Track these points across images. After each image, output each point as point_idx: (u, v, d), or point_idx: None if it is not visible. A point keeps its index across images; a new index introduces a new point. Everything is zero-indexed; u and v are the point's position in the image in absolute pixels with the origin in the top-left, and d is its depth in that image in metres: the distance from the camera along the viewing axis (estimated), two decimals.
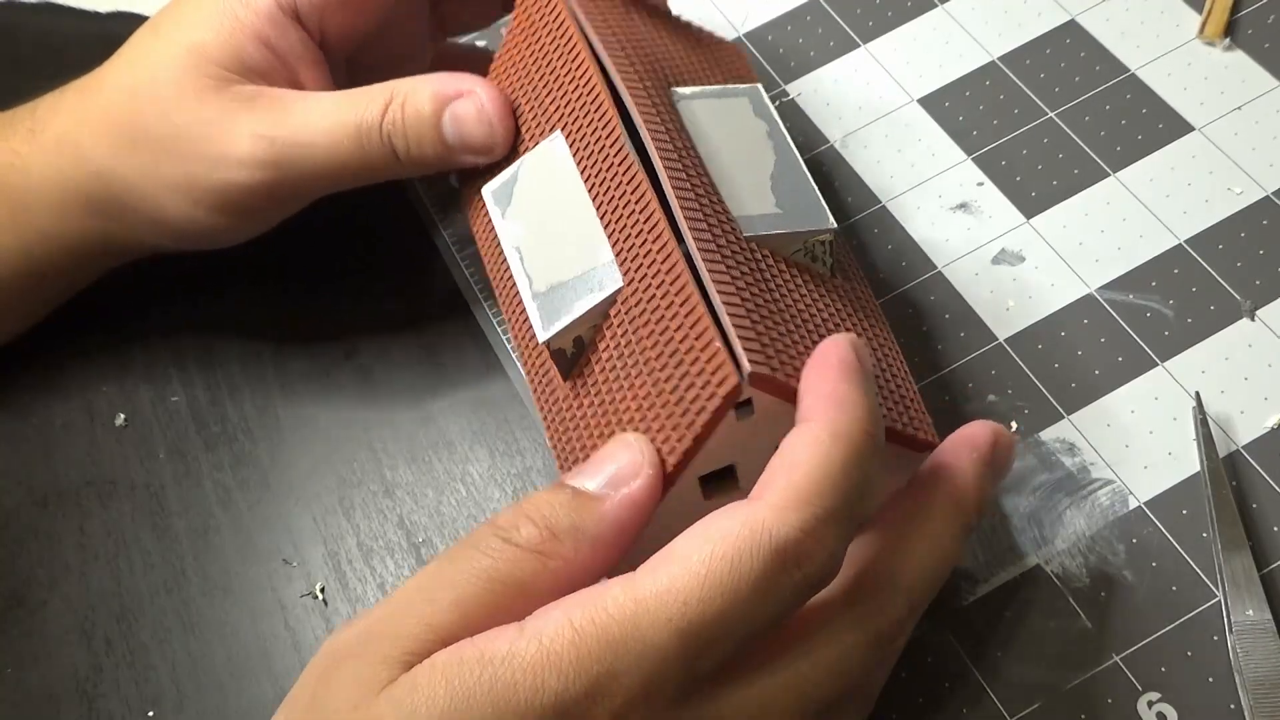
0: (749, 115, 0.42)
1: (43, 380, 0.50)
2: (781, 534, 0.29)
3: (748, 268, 0.36)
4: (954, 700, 0.39)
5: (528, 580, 0.31)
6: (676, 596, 0.29)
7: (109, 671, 0.44)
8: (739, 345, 0.33)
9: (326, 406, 0.48)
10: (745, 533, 0.29)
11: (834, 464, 0.30)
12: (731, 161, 0.40)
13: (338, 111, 0.43)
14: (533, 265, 0.39)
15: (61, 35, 0.62)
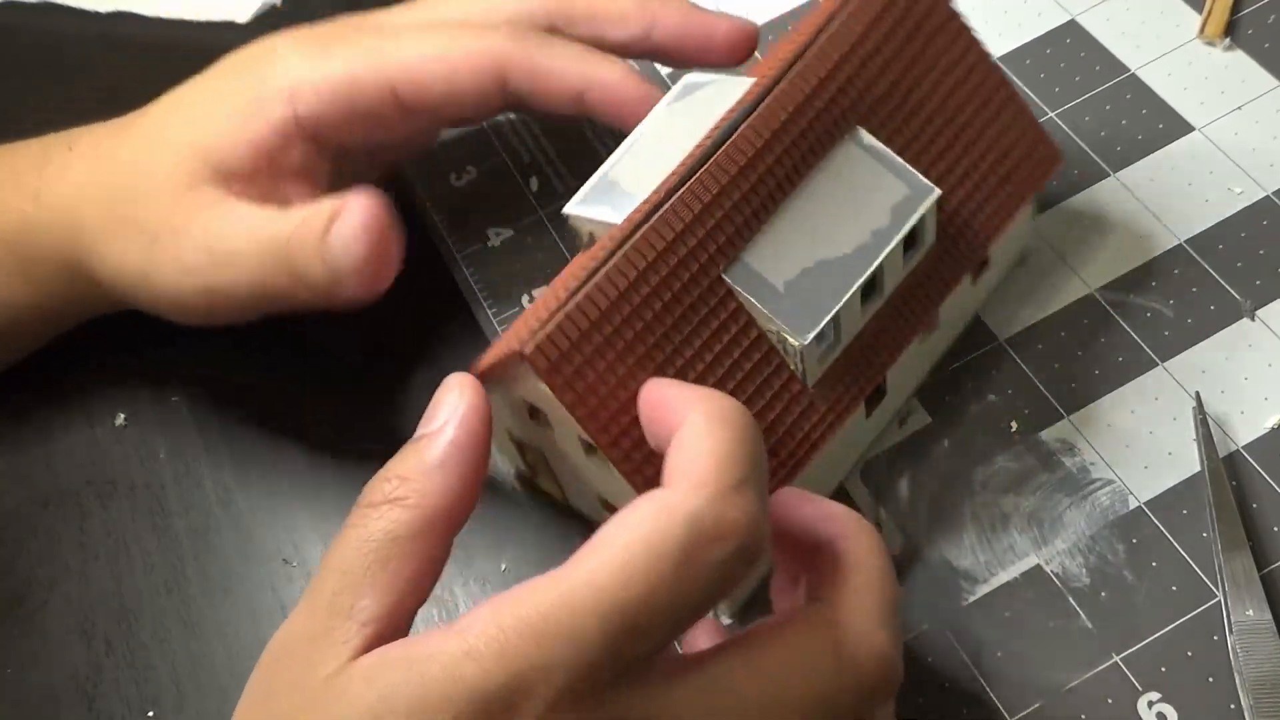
0: (885, 200, 0.39)
1: (42, 380, 0.50)
2: (692, 509, 0.30)
3: (679, 296, 0.36)
4: (954, 700, 0.39)
5: (393, 527, 0.33)
6: (598, 585, 0.29)
7: (109, 671, 0.44)
8: (550, 329, 0.35)
9: (327, 406, 0.48)
10: (660, 514, 0.30)
11: (719, 438, 0.31)
12: (813, 220, 0.38)
13: (262, 229, 0.42)
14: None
15: (61, 35, 0.62)
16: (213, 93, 0.45)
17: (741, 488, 0.30)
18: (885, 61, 0.40)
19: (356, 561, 0.32)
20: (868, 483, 0.43)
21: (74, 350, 0.50)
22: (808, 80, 0.39)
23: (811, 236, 0.38)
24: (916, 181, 0.39)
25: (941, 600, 0.41)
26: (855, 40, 0.39)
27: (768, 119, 0.38)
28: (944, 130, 0.41)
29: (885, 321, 0.40)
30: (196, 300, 0.44)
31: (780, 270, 0.38)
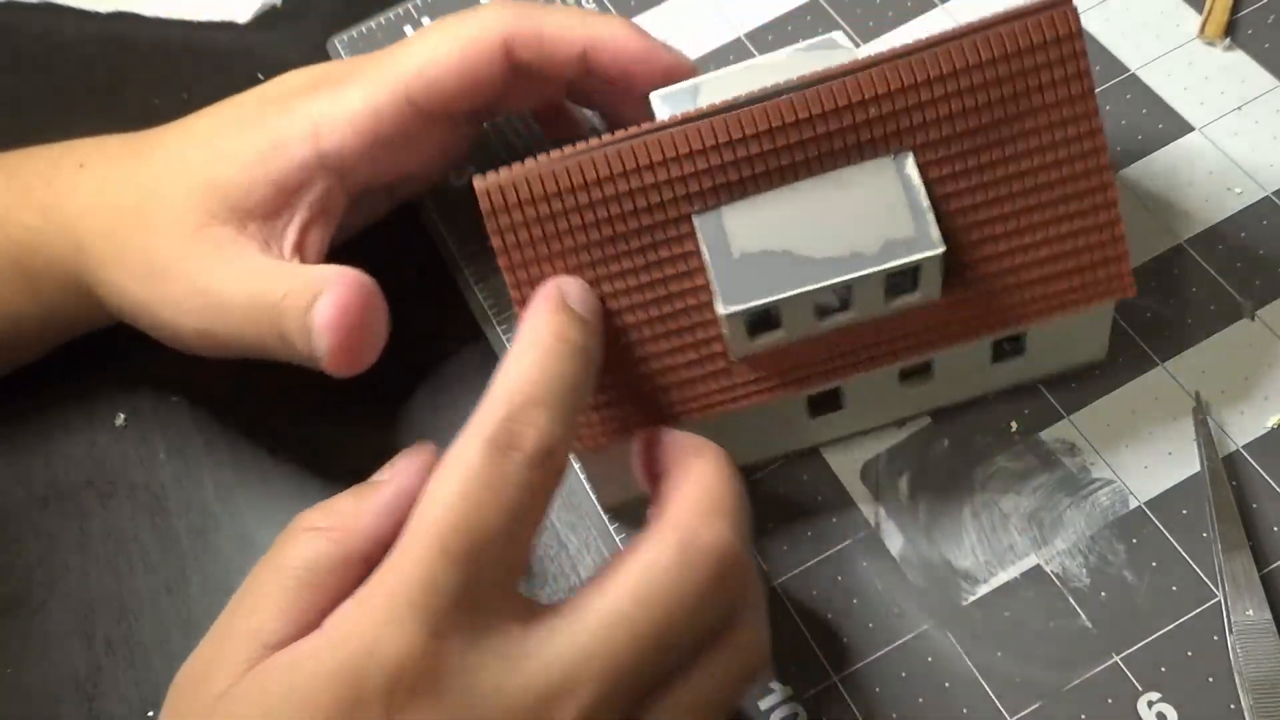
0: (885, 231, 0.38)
1: (42, 381, 0.50)
2: (489, 426, 0.33)
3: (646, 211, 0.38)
4: (954, 700, 0.39)
5: (311, 555, 0.33)
6: (423, 522, 0.32)
7: (109, 671, 0.44)
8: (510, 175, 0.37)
9: (327, 406, 0.48)
10: (460, 445, 0.33)
11: (524, 363, 0.34)
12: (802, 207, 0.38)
13: (255, 283, 0.42)
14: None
15: (61, 35, 0.62)
16: (233, 128, 0.45)
17: (533, 405, 0.34)
18: (988, 101, 0.37)
19: (270, 583, 0.33)
20: (867, 483, 0.43)
21: (74, 351, 0.50)
22: (888, 81, 0.37)
23: (797, 227, 0.37)
24: (926, 231, 0.37)
25: (941, 600, 0.41)
26: (965, 65, 0.37)
27: (825, 97, 0.37)
28: (1016, 194, 0.38)
29: (855, 342, 0.39)
30: (192, 339, 0.44)
31: (747, 240, 0.38)
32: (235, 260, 0.43)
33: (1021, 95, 0.37)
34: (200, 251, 0.43)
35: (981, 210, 0.38)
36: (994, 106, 0.37)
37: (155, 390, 0.50)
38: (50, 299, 0.47)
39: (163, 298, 0.43)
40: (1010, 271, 0.39)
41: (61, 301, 0.47)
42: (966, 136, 0.38)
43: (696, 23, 0.56)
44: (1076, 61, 0.37)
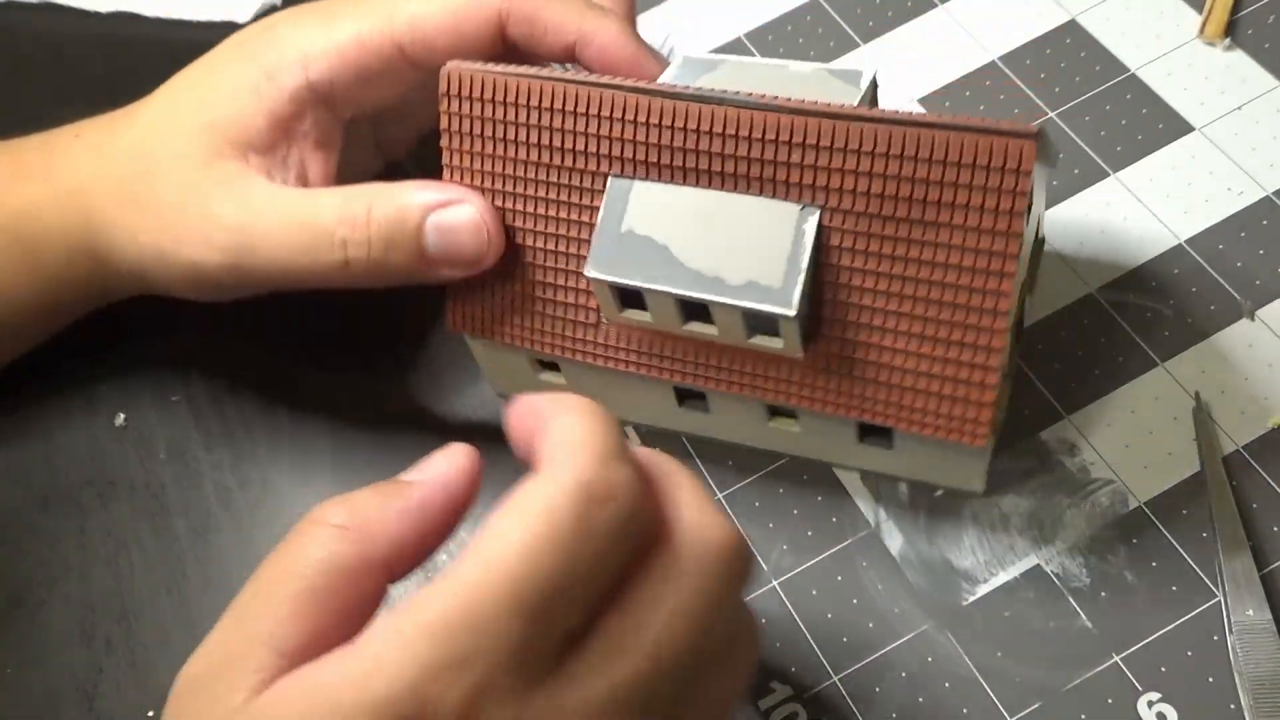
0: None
1: (43, 380, 0.50)
2: (577, 477, 0.30)
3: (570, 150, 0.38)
4: (954, 700, 0.39)
5: (327, 556, 0.31)
6: (506, 569, 0.29)
7: (109, 671, 0.44)
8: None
9: (327, 406, 0.48)
10: (549, 488, 0.30)
11: (598, 424, 0.31)
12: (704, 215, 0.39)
13: (296, 208, 0.42)
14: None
15: (61, 35, 0.62)
16: (221, 70, 0.45)
17: (620, 456, 0.31)
18: (911, 194, 0.35)
19: (281, 585, 0.31)
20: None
21: (74, 350, 0.50)
22: (819, 135, 0.36)
23: (686, 230, 0.38)
24: (790, 291, 0.36)
25: (941, 600, 0.41)
26: (900, 151, 0.35)
27: (756, 122, 0.37)
28: (908, 295, 0.36)
29: (721, 359, 0.39)
30: (220, 276, 0.43)
31: (638, 220, 0.38)
32: (261, 193, 0.43)
33: (946, 205, 0.35)
34: (214, 186, 0.43)
35: (869, 295, 0.37)
36: (916, 202, 0.35)
37: (155, 390, 0.50)
38: (52, 269, 0.46)
39: (182, 236, 0.43)
40: (880, 365, 0.37)
41: (65, 272, 0.46)
42: (880, 218, 0.36)
43: (697, 22, 0.57)
44: (1014, 197, 0.34)
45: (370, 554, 0.31)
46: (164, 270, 0.45)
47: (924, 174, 0.35)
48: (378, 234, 0.41)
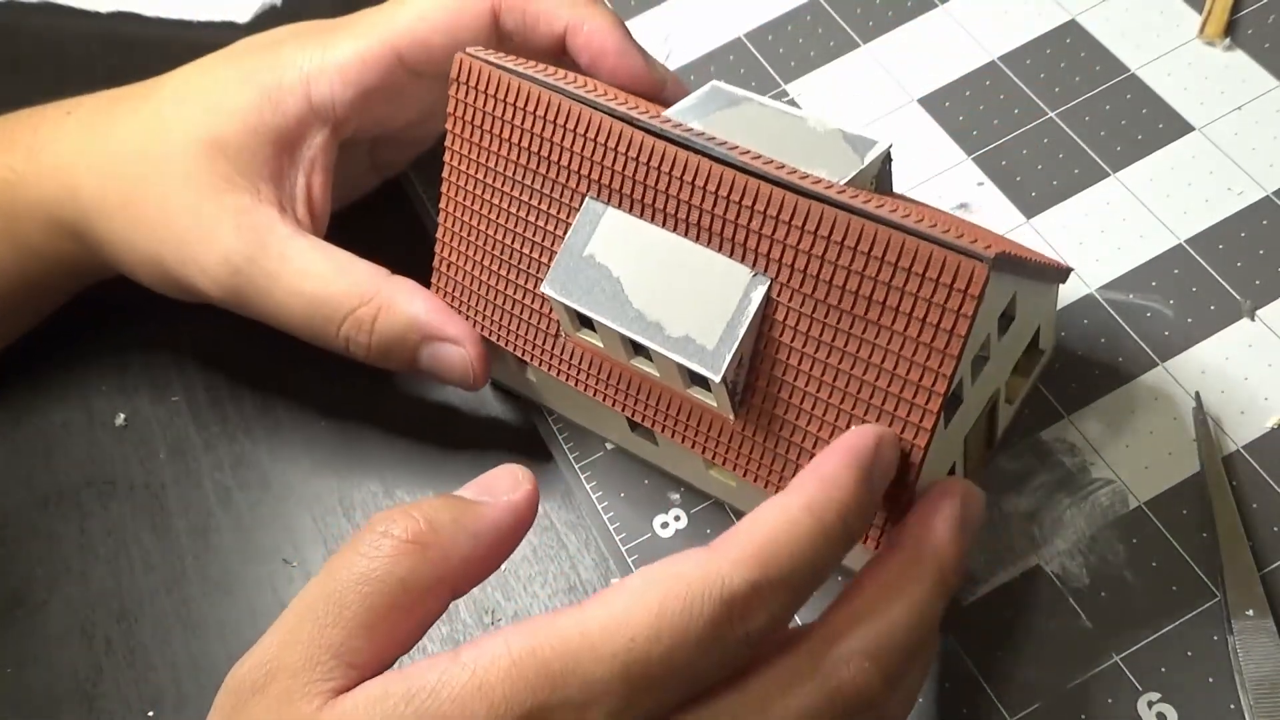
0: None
1: (42, 380, 0.50)
2: (733, 585, 0.29)
3: (876, 201, 0.36)
4: (954, 700, 0.39)
5: (406, 574, 0.31)
6: (625, 631, 0.29)
7: (109, 671, 0.44)
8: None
9: (326, 406, 0.48)
10: (700, 577, 0.29)
11: (797, 535, 0.31)
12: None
13: (305, 279, 0.43)
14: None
15: (61, 35, 0.62)
16: (225, 83, 0.45)
17: (785, 586, 0.30)
18: (859, 289, 0.34)
19: (357, 599, 0.30)
20: None
21: (74, 350, 0.50)
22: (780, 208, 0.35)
23: (641, 268, 0.38)
24: (721, 356, 0.36)
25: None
26: (855, 243, 0.34)
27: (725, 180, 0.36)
28: (839, 387, 0.35)
29: (666, 402, 0.39)
30: (210, 295, 0.44)
31: (601, 247, 0.38)
32: (268, 235, 0.43)
33: (890, 308, 0.34)
34: (227, 216, 0.43)
35: (803, 377, 0.36)
36: (861, 297, 0.34)
37: (155, 390, 0.50)
38: (31, 241, 0.46)
39: (185, 259, 0.44)
40: (803, 448, 0.37)
41: (44, 245, 0.46)
42: (824, 303, 0.35)
43: (697, 22, 0.57)
44: (957, 317, 0.33)
45: (443, 573, 0.31)
46: (157, 278, 0.45)
47: (873, 271, 0.34)
48: (378, 343, 0.43)
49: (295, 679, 0.30)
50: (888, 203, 0.36)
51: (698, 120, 0.40)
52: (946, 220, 0.34)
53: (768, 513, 0.31)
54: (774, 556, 0.30)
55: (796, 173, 0.36)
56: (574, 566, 0.44)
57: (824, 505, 0.31)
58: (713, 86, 0.41)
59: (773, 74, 0.54)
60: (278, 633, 0.31)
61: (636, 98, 0.43)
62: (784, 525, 0.31)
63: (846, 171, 0.38)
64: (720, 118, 0.40)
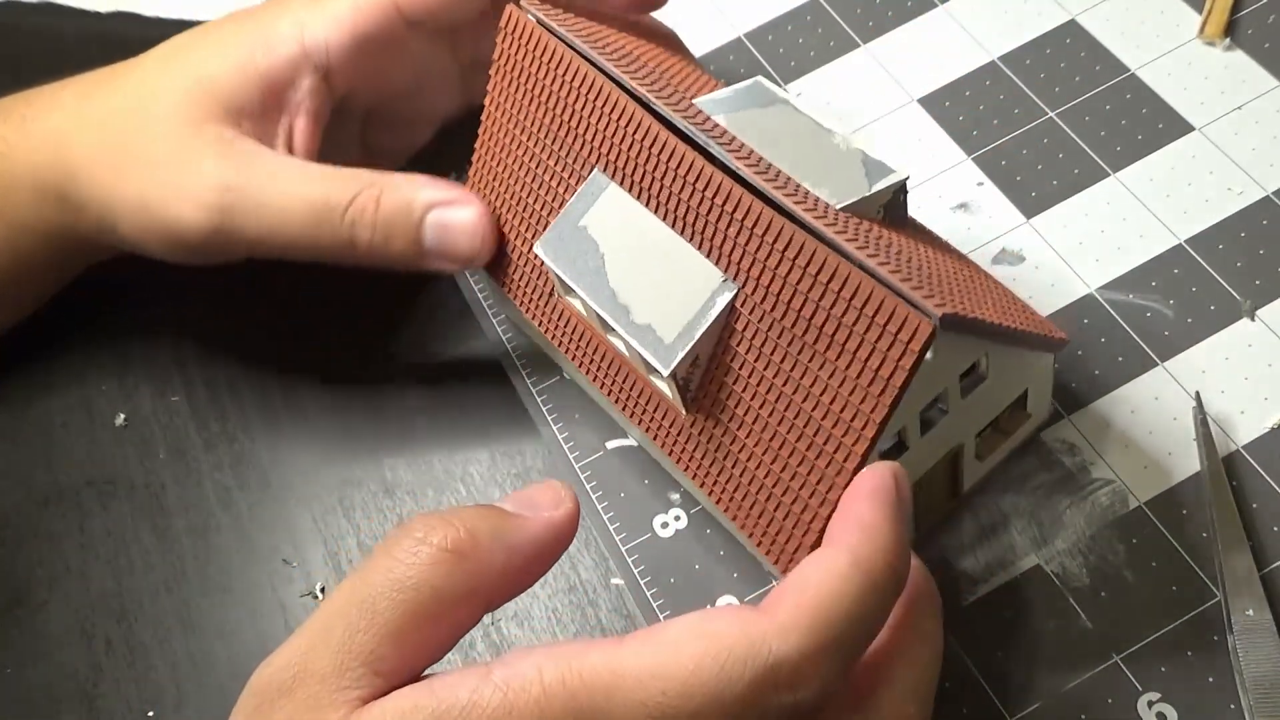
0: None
1: (42, 379, 0.50)
2: (780, 653, 0.28)
3: (859, 233, 0.35)
4: (954, 700, 0.39)
5: (441, 583, 0.30)
6: (657, 682, 0.28)
7: (109, 671, 0.44)
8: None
9: (326, 406, 0.48)
10: (744, 640, 0.28)
11: (848, 593, 0.30)
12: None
13: (303, 182, 0.43)
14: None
15: (61, 35, 0.62)
16: (217, 36, 0.45)
17: (837, 650, 0.29)
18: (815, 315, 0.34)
19: (389, 605, 0.30)
20: None
21: (74, 350, 0.50)
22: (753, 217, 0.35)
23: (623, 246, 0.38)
24: (674, 351, 0.36)
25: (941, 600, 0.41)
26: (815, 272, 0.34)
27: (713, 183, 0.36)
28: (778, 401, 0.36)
29: (636, 389, 0.40)
30: (201, 237, 0.43)
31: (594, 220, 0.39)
32: (254, 156, 0.43)
33: (838, 343, 0.34)
34: (206, 145, 0.43)
35: (750, 388, 0.36)
36: (814, 326, 0.34)
37: (155, 390, 0.50)
38: (20, 214, 0.46)
39: (169, 193, 0.43)
40: (739, 458, 0.37)
41: (32, 217, 0.46)
42: (780, 324, 0.35)
43: (697, 22, 0.56)
44: (895, 368, 0.33)
45: (477, 586, 0.31)
46: (143, 224, 0.44)
47: (827, 302, 0.34)
48: (383, 222, 0.42)
49: (323, 684, 0.29)
50: (875, 238, 0.35)
51: (726, 114, 0.40)
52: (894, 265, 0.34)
53: (815, 572, 0.30)
54: (826, 620, 0.29)
55: (789, 186, 0.36)
56: (574, 566, 0.44)
57: (870, 558, 0.30)
58: (755, 82, 0.41)
59: (773, 74, 0.54)
60: (306, 635, 0.30)
61: (679, 69, 0.44)
62: (833, 584, 0.30)
63: (850, 195, 0.37)
64: (748, 116, 0.40)
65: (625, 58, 0.41)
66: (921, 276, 0.34)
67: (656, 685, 0.28)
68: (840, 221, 0.35)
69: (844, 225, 0.35)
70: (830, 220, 0.35)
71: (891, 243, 0.36)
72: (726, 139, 0.37)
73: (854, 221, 0.36)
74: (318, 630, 0.30)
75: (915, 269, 0.35)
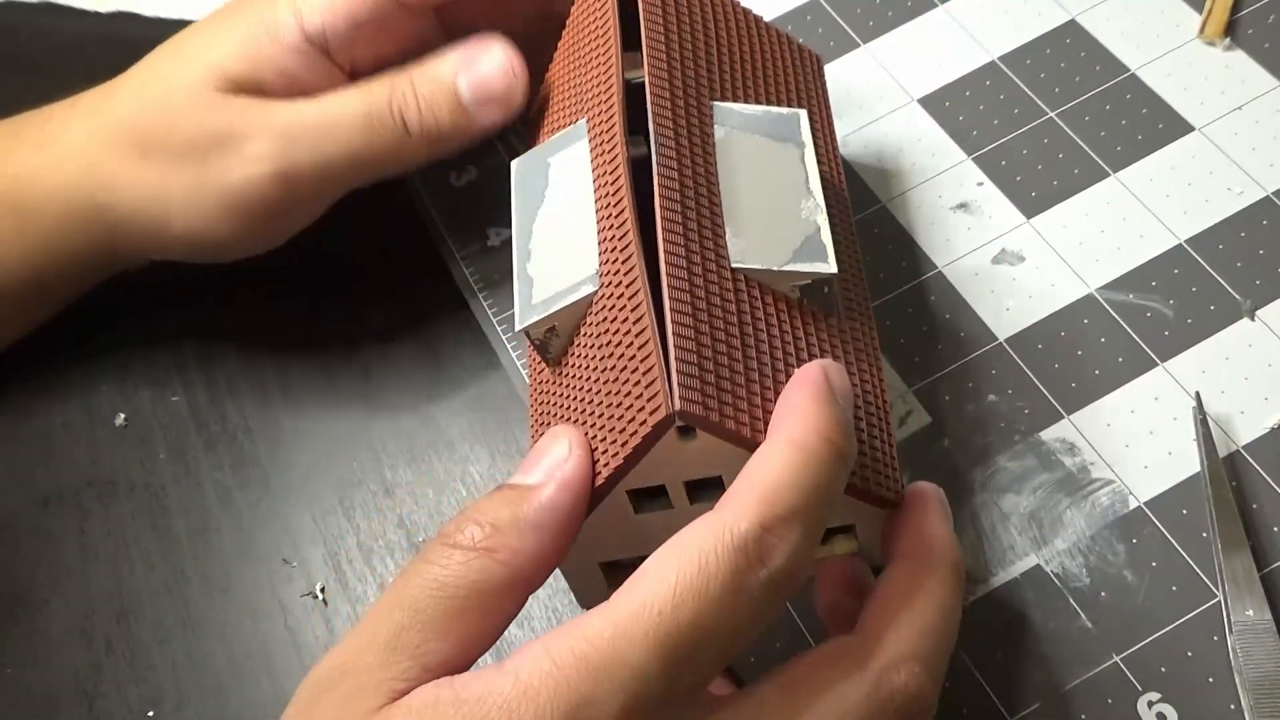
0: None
1: (43, 380, 0.50)
2: (741, 530, 0.30)
3: (722, 299, 0.35)
4: (954, 700, 0.39)
5: (481, 579, 0.31)
6: (651, 610, 0.29)
7: (109, 671, 0.44)
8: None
9: (326, 406, 0.48)
10: (709, 536, 0.30)
11: (790, 468, 0.31)
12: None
13: (345, 100, 0.44)
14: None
15: (61, 35, 0.62)
16: (218, 26, 0.46)
17: (790, 519, 0.30)
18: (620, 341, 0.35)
19: (432, 603, 0.31)
20: None
21: (75, 350, 0.50)
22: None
23: (562, 201, 0.39)
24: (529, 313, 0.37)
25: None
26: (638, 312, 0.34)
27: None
28: (745, 64, 0.41)
29: None
30: (265, 191, 0.44)
31: (557, 164, 0.39)
32: (289, 103, 0.44)
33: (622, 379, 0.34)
34: (241, 111, 0.44)
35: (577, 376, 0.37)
36: (612, 353, 0.35)
37: (155, 390, 0.50)
38: (44, 238, 0.46)
39: (223, 162, 0.44)
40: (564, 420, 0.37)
41: (57, 235, 0.46)
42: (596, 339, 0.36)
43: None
44: (638, 429, 0.33)
45: (517, 575, 0.32)
46: (196, 214, 0.45)
47: (623, 335, 0.34)
48: (426, 102, 0.44)
49: (370, 675, 0.30)
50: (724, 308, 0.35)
51: (733, 129, 0.39)
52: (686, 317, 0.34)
53: (756, 459, 0.32)
54: (773, 494, 0.31)
55: (692, 222, 0.36)
56: None
57: (804, 435, 0.32)
58: (794, 114, 0.40)
59: None
60: (354, 636, 0.31)
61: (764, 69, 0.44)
62: (774, 464, 0.31)
63: (756, 261, 0.36)
64: (751, 141, 0.39)
65: (676, 44, 0.40)
66: (729, 370, 0.34)
67: (651, 612, 0.29)
68: (704, 275, 0.35)
69: (699, 280, 0.35)
70: (688, 271, 0.35)
71: (741, 322, 0.35)
72: (684, 151, 0.37)
73: (727, 282, 0.36)
74: (365, 631, 0.31)
75: (731, 357, 0.34)
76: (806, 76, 0.46)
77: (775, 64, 0.45)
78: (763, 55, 0.44)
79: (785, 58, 0.45)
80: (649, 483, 0.35)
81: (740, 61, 0.43)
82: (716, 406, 0.33)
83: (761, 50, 0.45)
